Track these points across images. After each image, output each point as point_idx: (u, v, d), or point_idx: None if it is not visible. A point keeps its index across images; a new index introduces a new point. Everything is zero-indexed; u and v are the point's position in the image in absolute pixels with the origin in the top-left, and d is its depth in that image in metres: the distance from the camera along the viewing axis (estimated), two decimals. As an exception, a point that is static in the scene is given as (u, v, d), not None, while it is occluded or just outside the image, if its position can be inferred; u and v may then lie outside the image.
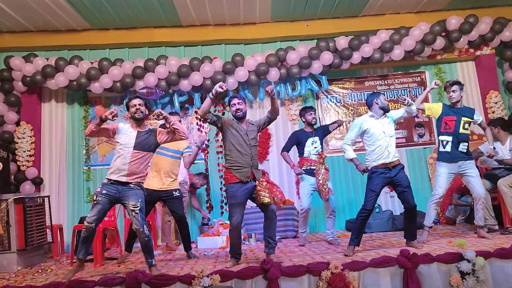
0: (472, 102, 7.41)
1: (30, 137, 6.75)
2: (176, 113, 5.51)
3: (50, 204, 5.80)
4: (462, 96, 5.01)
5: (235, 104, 4.32)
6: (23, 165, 6.70)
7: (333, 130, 5.74)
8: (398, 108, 5.72)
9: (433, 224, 4.98)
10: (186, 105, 7.25)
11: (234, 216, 4.13)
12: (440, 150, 4.99)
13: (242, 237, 5.92)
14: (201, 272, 3.29)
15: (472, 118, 4.98)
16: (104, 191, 4.04)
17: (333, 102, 7.49)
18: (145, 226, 4.03)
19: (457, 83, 4.98)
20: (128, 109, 4.28)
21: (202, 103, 7.03)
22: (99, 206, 4.01)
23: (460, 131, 4.88)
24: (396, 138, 6.84)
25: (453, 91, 4.94)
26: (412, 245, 4.51)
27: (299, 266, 3.49)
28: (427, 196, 5.99)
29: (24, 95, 6.94)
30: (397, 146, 6.93)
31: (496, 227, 5.29)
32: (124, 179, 4.05)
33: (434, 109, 5.07)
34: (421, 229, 4.92)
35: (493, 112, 7.11)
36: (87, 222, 3.97)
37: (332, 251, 4.76)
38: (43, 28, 6.89)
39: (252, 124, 4.44)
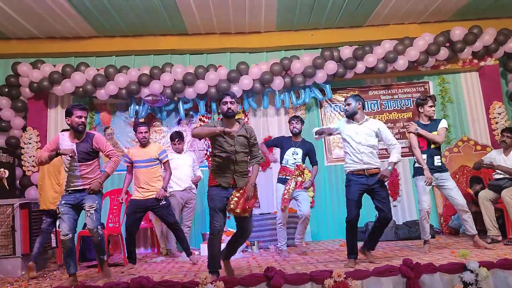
0: (475, 113, 7.43)
1: (36, 142, 6.80)
2: (144, 124, 5.50)
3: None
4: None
5: (226, 103, 4.01)
6: (28, 170, 6.75)
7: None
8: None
9: (429, 237, 4.96)
10: (191, 113, 7.29)
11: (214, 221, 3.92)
12: (416, 166, 5.05)
13: (245, 245, 5.98)
14: (205, 278, 3.31)
15: (436, 129, 5.00)
16: (63, 201, 4.14)
17: (336, 110, 7.52)
18: (98, 227, 4.17)
19: (433, 98, 5.12)
20: (70, 116, 4.18)
21: (206, 110, 7.12)
22: (64, 216, 4.07)
23: (431, 147, 4.99)
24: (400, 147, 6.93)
25: (430, 106, 5.05)
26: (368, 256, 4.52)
27: (302, 274, 3.50)
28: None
29: (30, 101, 7.01)
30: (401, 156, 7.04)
31: (500, 238, 5.29)
32: (80, 187, 4.18)
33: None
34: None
35: (497, 123, 7.13)
36: (63, 236, 4.02)
37: (335, 259, 4.77)
38: (50, 35, 6.97)
39: (242, 126, 4.09)
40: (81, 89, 6.77)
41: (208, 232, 5.41)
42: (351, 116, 4.53)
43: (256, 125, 7.21)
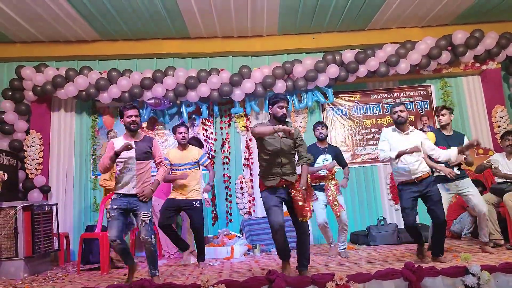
0: (477, 116, 7.44)
1: (39, 145, 6.83)
2: (183, 125, 5.52)
3: (58, 212, 5.85)
4: (451, 120, 5.10)
5: (283, 107, 4.05)
6: (31, 173, 6.78)
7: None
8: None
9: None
10: (194, 116, 7.31)
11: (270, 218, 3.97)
12: (436, 174, 4.98)
13: (247, 248, 5.98)
14: (207, 281, 3.32)
15: (463, 144, 4.93)
16: (115, 206, 4.11)
17: (338, 114, 7.53)
18: (152, 237, 4.11)
19: (446, 107, 5.10)
20: (121, 117, 4.25)
21: (209, 113, 7.13)
22: (114, 221, 4.08)
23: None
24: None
25: (443, 114, 5.04)
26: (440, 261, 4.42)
27: (304, 277, 3.50)
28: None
29: (34, 104, 7.04)
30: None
31: (502, 242, 5.28)
32: (134, 191, 4.13)
33: (432, 139, 5.09)
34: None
35: (499, 127, 7.13)
36: (111, 241, 4.06)
37: (337, 263, 4.77)
38: (54, 39, 7.02)
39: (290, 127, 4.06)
40: (84, 92, 6.81)
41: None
42: (402, 123, 4.56)
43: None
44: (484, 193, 5.85)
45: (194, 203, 5.14)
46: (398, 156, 4.41)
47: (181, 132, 5.25)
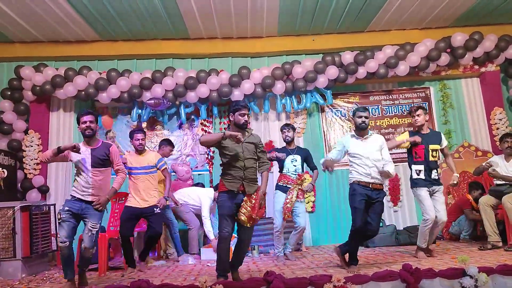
0: (476, 119, 7.44)
1: (38, 145, 6.82)
2: (140, 131, 5.45)
3: (56, 213, 5.84)
4: (426, 121, 5.17)
5: (244, 115, 4.11)
6: (30, 173, 6.76)
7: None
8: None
9: (425, 246, 4.99)
10: (192, 117, 7.30)
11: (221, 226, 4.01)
12: (414, 177, 5.04)
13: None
14: (205, 282, 3.32)
15: (439, 144, 5.05)
16: (66, 208, 4.07)
17: (338, 116, 7.54)
18: (94, 248, 4.19)
19: (421, 107, 5.13)
20: (78, 124, 4.22)
21: (208, 114, 7.12)
22: (65, 224, 4.03)
23: (430, 159, 4.99)
24: (399, 153, 6.94)
25: (418, 115, 5.07)
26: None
27: (302, 278, 3.51)
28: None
29: (33, 104, 7.03)
30: (400, 161, 7.05)
31: (500, 244, 5.28)
32: (89, 199, 4.11)
33: (405, 136, 5.14)
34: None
35: (497, 129, 7.14)
36: (61, 243, 4.00)
37: (335, 264, 4.76)
38: (53, 39, 7.01)
39: (251, 134, 4.21)
40: (83, 92, 6.80)
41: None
42: (364, 129, 4.57)
43: (258, 129, 7.21)
44: (483, 195, 5.85)
45: (154, 209, 5.12)
46: (324, 164, 4.54)
47: (138, 139, 5.24)
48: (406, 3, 6.47)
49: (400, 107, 7.57)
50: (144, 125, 7.25)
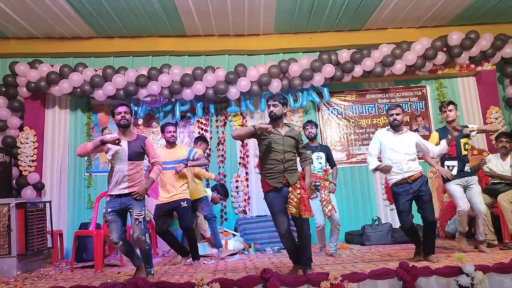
0: (472, 118, 7.46)
1: (33, 142, 6.78)
2: (172, 124, 5.46)
3: (51, 210, 5.82)
4: (457, 116, 5.12)
5: (269, 106, 4.08)
6: (25, 170, 6.72)
7: None
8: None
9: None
10: (188, 114, 7.28)
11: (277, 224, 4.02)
12: None
13: (242, 246, 5.97)
14: (201, 280, 3.30)
15: (468, 137, 5.08)
16: (109, 209, 4.08)
17: (334, 114, 7.54)
18: (147, 235, 4.09)
19: (452, 102, 5.12)
20: (113, 116, 4.24)
21: (204, 112, 7.10)
22: (112, 224, 4.05)
23: (462, 153, 5.04)
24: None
25: (450, 110, 5.03)
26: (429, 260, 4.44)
27: (299, 276, 3.50)
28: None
29: (28, 100, 6.99)
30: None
31: (496, 243, 5.30)
32: (126, 191, 4.10)
33: (435, 140, 5.10)
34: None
35: (494, 128, 7.16)
36: (115, 244, 4.08)
37: (332, 262, 4.77)
38: (49, 35, 6.97)
39: (292, 129, 4.16)
40: (78, 89, 6.76)
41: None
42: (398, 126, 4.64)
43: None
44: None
45: (181, 203, 5.09)
46: (375, 170, 4.65)
47: (170, 131, 5.21)
48: (402, 2, 6.47)
49: (397, 106, 7.56)
50: (140, 122, 7.23)
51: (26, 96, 6.93)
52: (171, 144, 5.24)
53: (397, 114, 4.60)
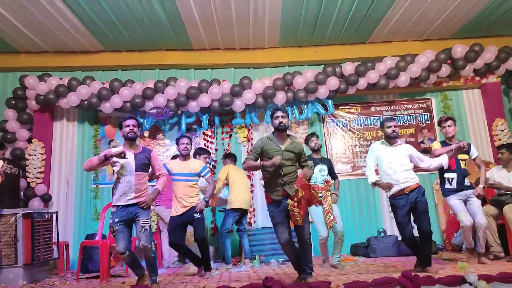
0: (478, 130, 7.46)
1: (41, 154, 6.87)
2: (186, 136, 5.46)
3: (58, 221, 5.86)
4: (456, 131, 5.18)
5: (278, 117, 4.17)
6: (32, 182, 6.80)
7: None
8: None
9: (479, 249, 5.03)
10: (194, 126, 7.35)
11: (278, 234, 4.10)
12: (446, 187, 5.10)
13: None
14: (204, 287, 3.32)
15: (468, 154, 5.13)
16: (116, 219, 4.13)
17: (339, 126, 7.57)
18: (152, 243, 4.13)
19: (451, 118, 5.20)
20: (120, 129, 4.33)
21: (209, 124, 7.15)
22: (120, 234, 4.10)
23: (461, 167, 5.08)
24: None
25: (449, 125, 5.12)
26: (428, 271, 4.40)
27: (301, 284, 3.50)
28: (433, 220, 5.97)
29: (36, 113, 7.10)
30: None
31: (502, 255, 5.25)
32: (133, 202, 4.16)
33: (438, 147, 5.18)
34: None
35: (499, 140, 7.14)
36: (121, 254, 4.10)
37: (336, 273, 4.75)
38: (58, 49, 7.11)
39: (293, 142, 4.23)
40: (86, 102, 6.87)
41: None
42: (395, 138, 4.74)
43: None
44: (484, 205, 5.83)
45: (194, 215, 5.10)
46: (374, 185, 4.72)
47: (183, 143, 5.28)
48: (406, 16, 6.54)
49: (402, 118, 7.60)
50: (146, 134, 7.31)
51: (35, 108, 7.04)
52: (184, 156, 5.28)
53: (395, 126, 4.71)
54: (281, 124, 4.15)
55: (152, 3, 5.81)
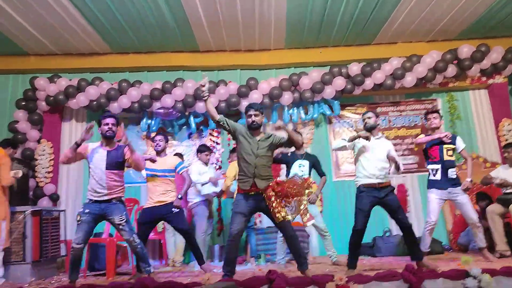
0: (485, 130, 7.44)
1: (50, 154, 6.98)
2: (160, 133, 5.55)
3: (66, 219, 5.93)
4: (441, 124, 5.24)
5: (251, 115, 4.14)
6: (41, 181, 6.90)
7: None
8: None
9: (429, 249, 5.07)
10: (201, 127, 7.41)
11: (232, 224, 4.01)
12: (430, 178, 5.10)
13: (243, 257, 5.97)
14: (207, 280, 3.35)
15: (455, 144, 5.10)
16: (87, 210, 4.17)
17: (345, 126, 7.58)
18: (134, 236, 4.20)
19: (436, 111, 5.22)
20: (99, 126, 4.39)
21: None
22: (84, 225, 4.14)
23: (445, 158, 5.03)
24: (409, 163, 6.98)
25: (434, 117, 5.15)
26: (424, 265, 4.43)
27: (304, 277, 3.52)
28: (440, 221, 5.96)
29: (46, 114, 7.21)
30: (409, 172, 7.05)
31: (508, 253, 5.21)
32: (105, 198, 4.22)
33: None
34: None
35: (506, 140, 7.09)
36: (76, 244, 4.09)
37: (340, 270, 4.74)
38: (67, 51, 7.22)
39: (268, 137, 4.19)
40: (95, 102, 6.96)
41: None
42: (370, 130, 4.64)
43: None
44: (491, 204, 5.80)
45: (172, 209, 5.01)
46: (351, 139, 4.55)
47: (156, 140, 5.31)
48: (411, 17, 6.56)
49: (408, 119, 7.60)
50: (153, 135, 7.36)
51: (45, 109, 7.16)
52: (157, 153, 5.30)
53: (368, 118, 4.65)
54: (254, 123, 4.13)
55: (159, 6, 5.89)
